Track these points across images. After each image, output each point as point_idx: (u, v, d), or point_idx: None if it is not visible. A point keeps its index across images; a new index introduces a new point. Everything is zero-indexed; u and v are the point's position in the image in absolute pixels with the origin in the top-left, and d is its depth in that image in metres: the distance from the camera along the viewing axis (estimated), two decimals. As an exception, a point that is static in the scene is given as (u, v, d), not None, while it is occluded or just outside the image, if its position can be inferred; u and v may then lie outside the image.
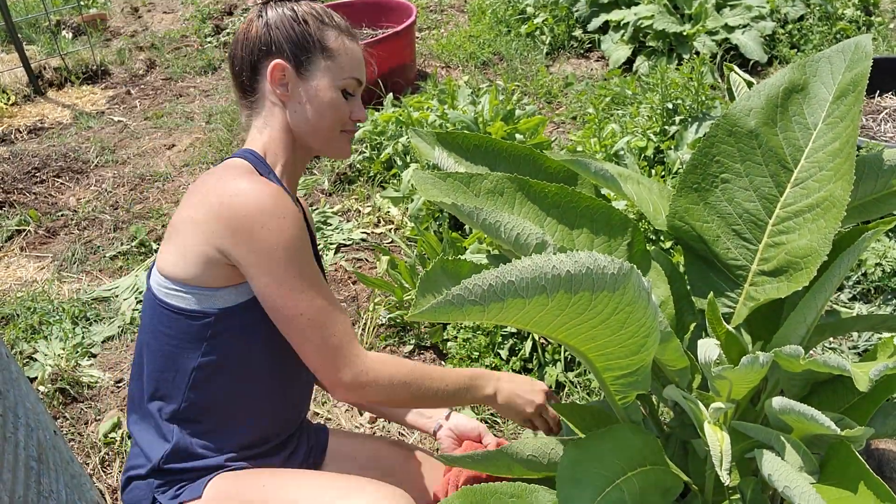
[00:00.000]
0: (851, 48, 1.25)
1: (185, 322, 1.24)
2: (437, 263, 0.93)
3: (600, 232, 1.29)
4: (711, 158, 1.29)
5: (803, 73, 1.26)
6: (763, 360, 0.99)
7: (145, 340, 1.31)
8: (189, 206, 1.25)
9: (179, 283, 1.23)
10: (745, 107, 1.27)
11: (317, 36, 1.30)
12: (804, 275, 1.16)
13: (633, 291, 0.91)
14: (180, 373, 1.27)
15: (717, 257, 1.30)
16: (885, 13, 4.45)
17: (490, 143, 1.39)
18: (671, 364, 1.19)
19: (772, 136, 1.26)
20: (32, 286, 2.99)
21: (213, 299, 1.24)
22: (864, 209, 1.32)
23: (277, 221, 1.18)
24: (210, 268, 1.21)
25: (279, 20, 1.29)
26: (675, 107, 3.13)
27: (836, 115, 1.22)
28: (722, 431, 1.07)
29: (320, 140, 1.35)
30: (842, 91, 1.23)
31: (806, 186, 1.23)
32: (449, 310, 0.82)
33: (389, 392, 1.25)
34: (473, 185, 1.25)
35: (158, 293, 1.27)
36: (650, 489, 1.08)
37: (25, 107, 4.74)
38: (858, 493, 0.96)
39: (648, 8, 4.22)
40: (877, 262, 2.36)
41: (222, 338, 1.25)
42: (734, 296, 1.29)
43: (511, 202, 1.26)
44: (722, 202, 1.29)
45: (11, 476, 1.25)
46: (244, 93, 1.35)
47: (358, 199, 3.34)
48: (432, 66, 4.65)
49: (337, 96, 1.32)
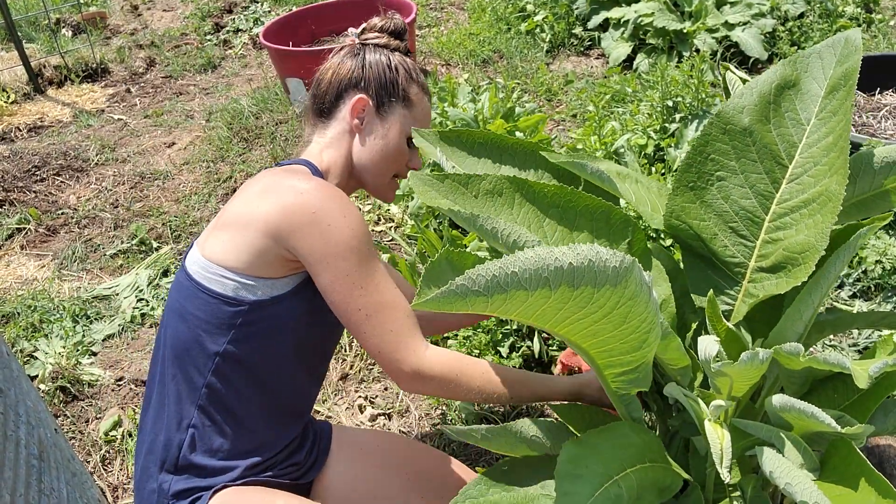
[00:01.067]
0: (841, 43, 1.25)
1: (218, 306, 1.28)
2: (443, 254, 0.93)
3: (600, 232, 1.29)
4: (706, 157, 1.29)
5: (795, 69, 1.26)
6: (763, 357, 0.99)
7: (171, 324, 1.34)
8: (248, 200, 1.30)
9: (225, 268, 1.28)
10: (738, 104, 1.27)
11: (403, 86, 1.45)
12: (802, 270, 1.16)
13: (635, 286, 0.91)
14: (203, 355, 1.30)
15: (714, 255, 1.30)
16: (885, 10, 4.45)
17: (494, 140, 1.39)
18: (673, 363, 1.19)
19: (766, 133, 1.26)
20: (33, 284, 2.99)
21: (252, 289, 1.28)
22: (860, 206, 1.32)
23: (344, 219, 1.24)
24: (262, 259, 1.27)
25: (375, 63, 1.45)
26: (675, 104, 3.12)
27: (828, 110, 1.23)
28: (722, 429, 1.07)
29: (374, 177, 1.46)
30: (833, 86, 1.23)
31: (801, 182, 1.23)
32: (453, 300, 0.82)
33: (449, 388, 1.29)
34: (471, 186, 1.25)
35: (196, 276, 1.31)
36: (648, 486, 1.08)
37: (25, 105, 4.74)
38: (859, 489, 0.96)
39: (649, 5, 4.22)
40: (877, 260, 2.36)
41: (250, 329, 1.29)
42: (733, 293, 1.29)
43: (510, 203, 1.25)
44: (718, 200, 1.29)
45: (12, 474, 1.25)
46: (320, 113, 1.48)
47: (358, 198, 3.34)
48: (432, 64, 4.64)
49: (403, 143, 1.45)
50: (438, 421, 2.18)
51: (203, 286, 1.29)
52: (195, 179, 3.67)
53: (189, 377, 1.31)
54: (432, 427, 2.16)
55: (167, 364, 1.34)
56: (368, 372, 2.38)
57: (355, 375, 2.37)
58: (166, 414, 1.33)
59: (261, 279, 1.28)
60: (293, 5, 5.72)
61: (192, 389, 1.31)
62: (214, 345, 1.29)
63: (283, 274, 1.29)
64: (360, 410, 2.25)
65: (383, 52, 1.47)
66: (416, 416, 2.20)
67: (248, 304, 1.28)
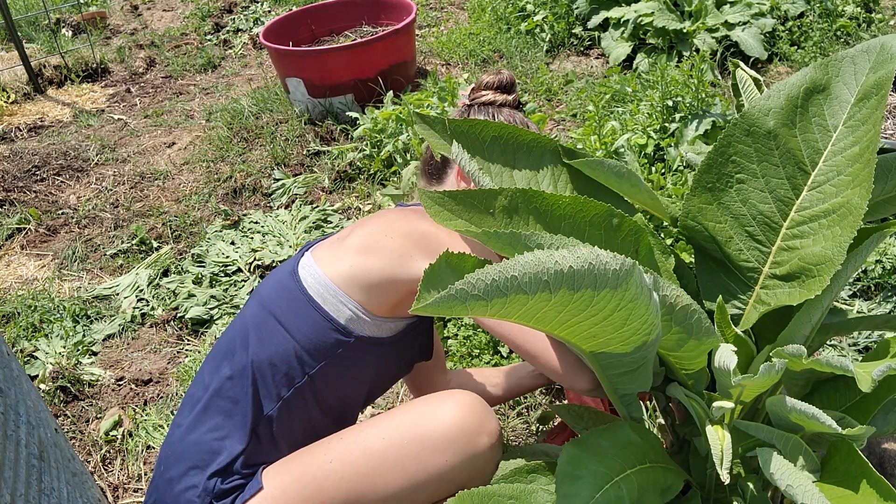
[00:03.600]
0: (877, 49, 1.19)
1: (326, 330, 1.29)
2: (442, 258, 0.93)
3: (609, 243, 1.25)
4: (727, 158, 1.25)
5: (826, 73, 1.22)
6: (778, 367, 0.99)
7: (265, 326, 1.33)
8: (387, 231, 1.31)
9: (346, 294, 1.29)
10: (765, 106, 1.23)
11: None
12: (817, 283, 1.12)
13: (636, 288, 0.91)
14: (293, 371, 1.30)
15: (728, 258, 1.28)
16: (885, 10, 4.45)
17: (511, 135, 1.31)
18: (689, 367, 1.17)
19: (790, 138, 1.22)
20: (33, 284, 2.99)
21: (363, 324, 1.30)
22: (873, 209, 1.28)
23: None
24: (383, 297, 1.28)
25: None
26: (675, 104, 3.12)
27: (857, 119, 1.18)
28: (723, 430, 1.07)
29: None
30: (864, 93, 1.18)
31: (823, 191, 1.20)
32: (452, 304, 0.82)
33: None
34: (487, 203, 1.17)
35: (311, 290, 1.31)
36: (649, 487, 1.08)
37: (25, 105, 4.73)
38: (860, 491, 0.95)
39: (648, 5, 4.22)
40: (877, 260, 2.36)
41: (342, 361, 1.31)
42: (744, 298, 1.27)
43: (525, 220, 1.20)
44: (736, 203, 1.26)
45: (13, 474, 1.25)
46: (430, 178, 1.50)
47: (358, 197, 3.33)
48: (432, 64, 4.64)
49: None
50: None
51: (317, 304, 1.30)
52: (195, 179, 3.67)
53: (268, 386, 1.30)
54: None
55: (244, 366, 1.32)
56: (369, 372, 2.38)
57: (355, 375, 2.37)
58: (221, 417, 1.31)
59: (374, 316, 1.30)
60: (293, 5, 5.71)
61: (269, 399, 1.31)
62: (308, 366, 1.30)
63: (393, 316, 1.32)
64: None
65: (489, 109, 1.47)
66: (417, 417, 2.20)
67: (354, 338, 1.30)
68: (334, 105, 3.95)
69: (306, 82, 3.87)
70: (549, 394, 2.19)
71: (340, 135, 3.81)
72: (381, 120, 3.40)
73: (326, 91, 3.89)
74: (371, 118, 3.46)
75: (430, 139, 1.28)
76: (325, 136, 3.81)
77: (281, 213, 3.23)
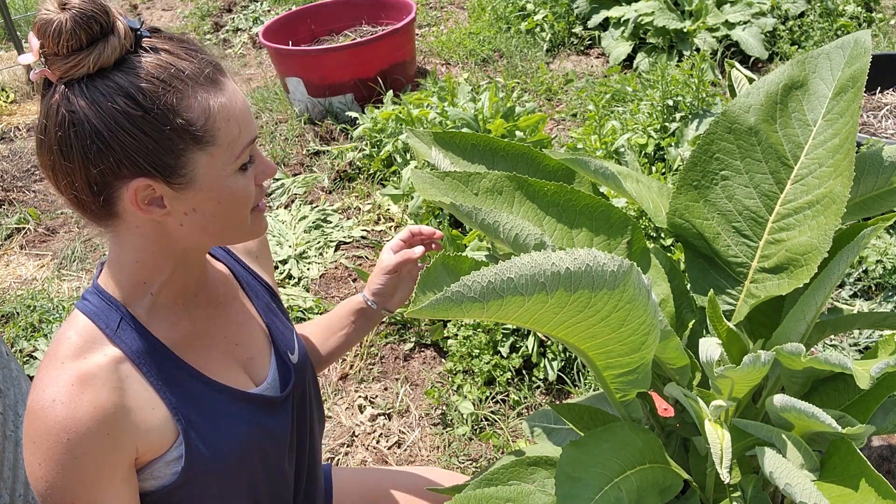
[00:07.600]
0: (850, 44, 1.24)
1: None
2: (438, 260, 0.93)
3: (600, 230, 1.29)
4: (711, 156, 1.28)
5: (803, 69, 1.25)
6: (765, 359, 0.99)
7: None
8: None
9: None
10: (745, 104, 1.26)
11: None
12: (805, 272, 1.15)
13: (633, 289, 0.91)
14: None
15: (717, 255, 1.30)
16: (885, 9, 4.44)
17: (487, 143, 1.38)
18: (672, 362, 1.19)
19: (771, 133, 1.25)
20: (32, 284, 2.99)
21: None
22: (864, 206, 1.31)
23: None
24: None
25: None
26: (675, 104, 3.12)
27: (835, 112, 1.22)
28: (722, 429, 1.07)
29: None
30: (841, 87, 1.22)
31: (806, 183, 1.22)
32: (448, 306, 0.82)
33: None
34: (472, 184, 1.24)
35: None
36: (649, 487, 1.08)
37: (25, 105, 4.73)
38: (860, 489, 0.95)
39: (649, 4, 4.22)
40: (877, 259, 2.36)
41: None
42: (735, 293, 1.29)
43: (510, 201, 1.25)
44: (722, 199, 1.28)
45: (12, 474, 1.25)
46: None
47: (358, 197, 3.33)
48: (432, 64, 4.64)
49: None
50: (438, 421, 2.18)
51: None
52: (195, 179, 3.67)
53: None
54: (432, 427, 2.16)
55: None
56: (368, 372, 2.38)
57: (355, 375, 2.37)
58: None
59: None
60: (293, 4, 5.71)
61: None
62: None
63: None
64: (359, 410, 2.25)
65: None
66: (417, 416, 2.20)
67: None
68: (334, 105, 3.95)
69: (306, 82, 3.87)
70: (550, 394, 2.19)
71: (340, 134, 3.81)
72: (380, 120, 3.40)
73: (326, 91, 3.89)
74: (371, 118, 3.46)
75: (417, 149, 1.37)
76: (325, 135, 3.81)
77: (280, 213, 3.23)
